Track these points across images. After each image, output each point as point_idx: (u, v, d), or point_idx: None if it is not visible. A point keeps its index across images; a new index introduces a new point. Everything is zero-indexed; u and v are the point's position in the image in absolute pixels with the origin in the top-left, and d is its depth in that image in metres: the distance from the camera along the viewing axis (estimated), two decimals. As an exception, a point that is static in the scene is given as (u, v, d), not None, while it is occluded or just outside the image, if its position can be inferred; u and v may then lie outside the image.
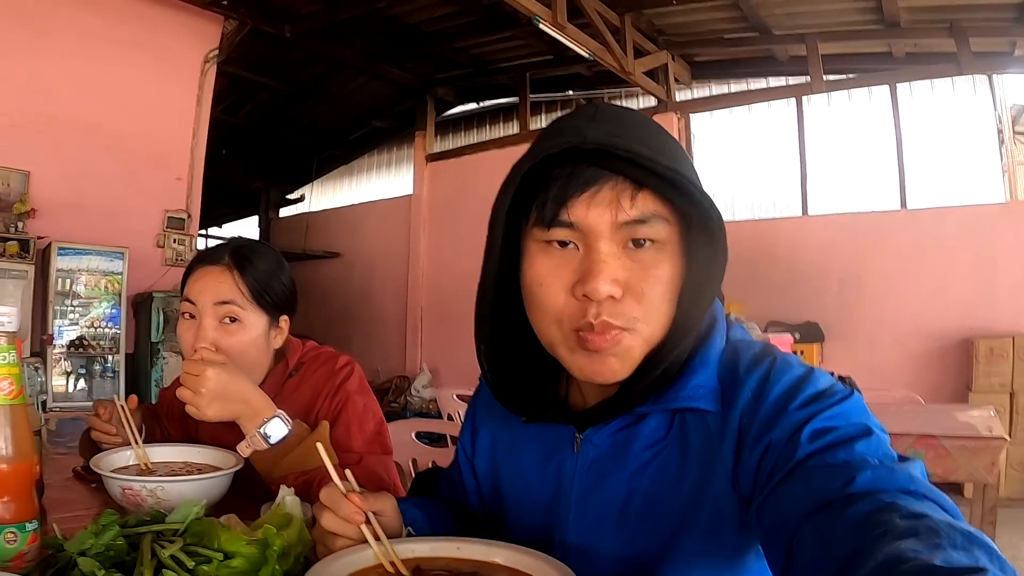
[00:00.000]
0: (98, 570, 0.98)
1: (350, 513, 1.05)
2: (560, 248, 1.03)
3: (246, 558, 1.00)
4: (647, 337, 1.02)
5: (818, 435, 0.92)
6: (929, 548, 0.71)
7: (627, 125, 1.02)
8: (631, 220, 0.98)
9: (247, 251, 1.92)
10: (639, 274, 1.00)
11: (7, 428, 1.08)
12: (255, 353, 1.92)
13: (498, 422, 1.29)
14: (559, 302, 1.03)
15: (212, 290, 1.84)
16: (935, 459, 3.13)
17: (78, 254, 8.42)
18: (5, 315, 1.10)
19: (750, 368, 1.04)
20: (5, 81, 8.13)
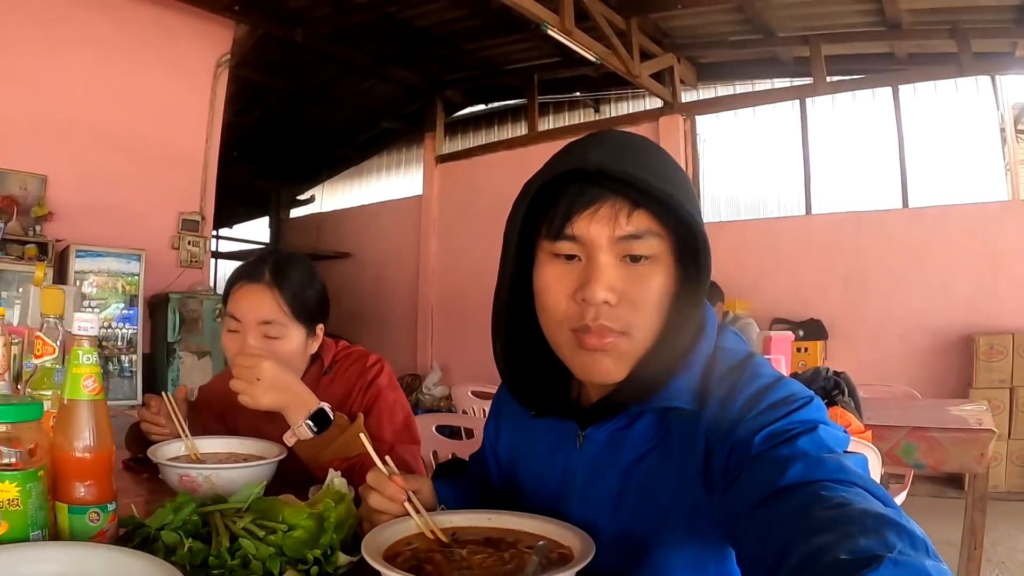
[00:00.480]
0: (180, 541, 1.14)
1: (394, 492, 1.22)
2: (566, 260, 1.16)
3: (306, 529, 1.18)
4: (639, 342, 1.16)
5: (769, 437, 1.03)
6: (842, 539, 0.78)
7: (630, 151, 1.14)
8: (627, 235, 1.11)
9: (285, 267, 2.06)
10: (634, 284, 1.13)
11: (92, 421, 1.24)
12: (294, 361, 2.07)
13: (518, 416, 1.43)
14: (561, 306, 1.17)
15: (255, 311, 2.00)
16: (927, 450, 3.29)
17: (96, 256, 8.55)
18: (88, 322, 1.26)
19: (723, 377, 1.16)
20: (22, 86, 8.28)
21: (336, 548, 1.19)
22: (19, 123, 8.25)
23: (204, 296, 9.20)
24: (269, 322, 2.00)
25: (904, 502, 3.69)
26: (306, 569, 1.14)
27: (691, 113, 10.12)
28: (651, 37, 9.38)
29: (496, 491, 1.53)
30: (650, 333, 1.16)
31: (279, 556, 1.14)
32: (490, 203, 11.30)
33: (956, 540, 3.85)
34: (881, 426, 3.37)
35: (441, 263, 12.44)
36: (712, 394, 1.14)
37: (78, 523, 1.21)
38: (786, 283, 8.97)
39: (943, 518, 5.74)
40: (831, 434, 1.03)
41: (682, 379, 1.17)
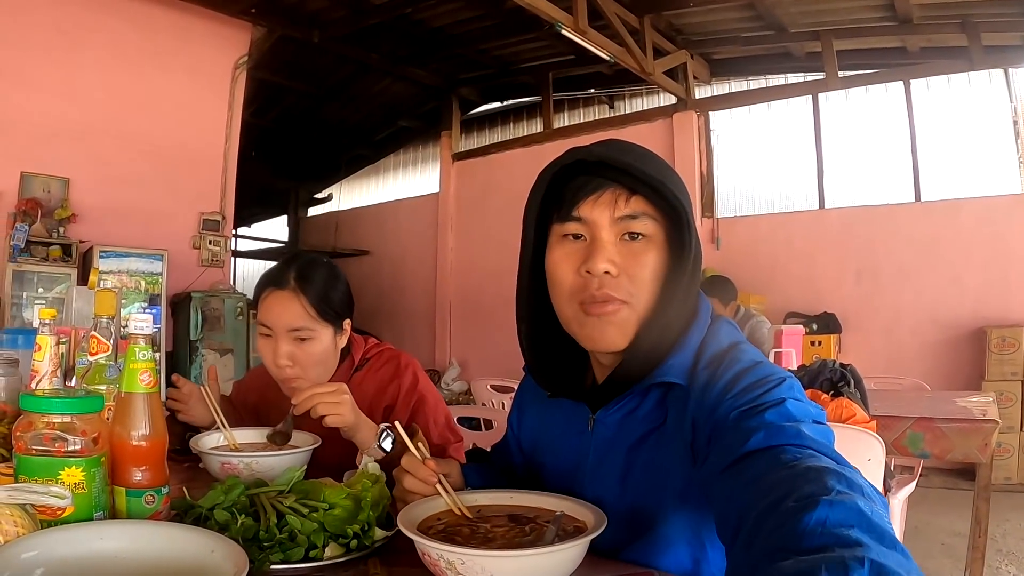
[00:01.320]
0: (232, 519, 1.26)
1: (427, 475, 1.35)
2: (573, 240, 1.33)
3: (344, 508, 1.31)
4: (639, 311, 1.30)
5: (742, 414, 1.14)
6: (790, 491, 0.89)
7: (629, 151, 1.32)
8: (625, 215, 1.29)
9: (308, 271, 2.16)
10: (631, 259, 1.29)
11: (147, 411, 1.35)
12: (327, 358, 2.21)
13: (539, 405, 1.59)
14: (569, 279, 1.33)
15: (283, 318, 2.12)
16: (933, 440, 3.37)
17: (119, 256, 8.66)
18: (144, 321, 1.38)
19: (709, 363, 1.29)
20: (44, 91, 8.41)
21: (373, 524, 1.32)
22: (41, 127, 8.38)
23: (225, 295, 9.32)
24: (298, 328, 2.12)
25: (915, 493, 3.77)
26: (346, 543, 1.27)
27: (704, 109, 10.16)
28: (664, 34, 9.44)
29: (518, 476, 1.68)
30: (646, 304, 1.31)
31: (322, 531, 1.27)
32: (506, 200, 11.37)
33: (967, 531, 3.93)
34: (887, 416, 3.46)
35: (458, 259, 12.51)
36: (699, 376, 1.27)
37: (135, 505, 1.33)
38: (799, 277, 9.02)
39: (955, 510, 5.82)
40: (797, 407, 1.14)
41: (677, 358, 1.30)
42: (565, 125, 11.93)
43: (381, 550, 1.33)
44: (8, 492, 1.10)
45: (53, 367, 1.71)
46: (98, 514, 1.25)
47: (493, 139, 13.26)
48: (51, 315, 1.74)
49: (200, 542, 1.14)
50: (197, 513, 1.35)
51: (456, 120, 12.98)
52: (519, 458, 1.69)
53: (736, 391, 1.20)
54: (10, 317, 7.99)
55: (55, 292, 8.23)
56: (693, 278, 1.32)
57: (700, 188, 9.83)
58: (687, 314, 1.35)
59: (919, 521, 5.67)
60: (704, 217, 9.80)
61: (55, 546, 1.09)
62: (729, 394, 1.20)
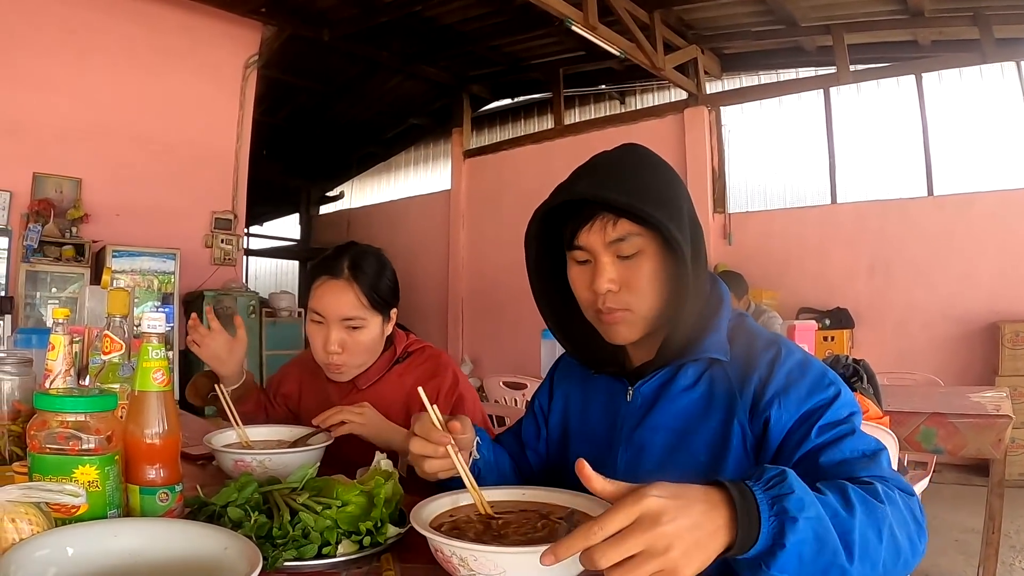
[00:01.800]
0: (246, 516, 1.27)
1: (439, 438, 1.39)
2: (582, 264, 1.50)
3: (358, 504, 1.32)
4: (643, 314, 1.48)
5: (823, 430, 1.31)
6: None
7: (611, 175, 1.44)
8: (614, 239, 1.43)
9: (362, 262, 2.23)
10: (628, 273, 1.45)
11: (162, 410, 1.36)
12: (374, 346, 2.29)
13: (571, 385, 1.76)
14: (584, 295, 1.52)
15: (336, 307, 2.18)
16: (946, 436, 3.37)
17: (131, 256, 8.70)
18: (157, 320, 1.39)
19: (766, 347, 1.47)
20: (55, 93, 8.45)
21: (385, 521, 1.33)
22: (53, 128, 8.43)
23: (238, 293, 9.35)
24: (351, 318, 2.18)
25: (928, 489, 3.76)
26: (359, 540, 1.28)
27: (716, 104, 10.13)
28: (674, 29, 9.42)
29: (528, 463, 1.80)
30: (650, 306, 1.48)
31: (335, 528, 1.28)
32: (518, 196, 11.38)
33: (980, 527, 3.92)
34: (900, 412, 3.45)
35: (470, 256, 12.52)
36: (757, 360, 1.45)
37: (149, 503, 1.34)
38: (812, 272, 8.99)
39: (969, 506, 5.79)
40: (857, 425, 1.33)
41: (713, 336, 1.48)
42: (576, 121, 11.91)
43: (394, 547, 1.34)
44: (23, 490, 1.11)
45: (67, 366, 1.72)
46: (112, 512, 1.26)
47: (504, 136, 13.25)
48: (65, 314, 1.75)
49: (214, 539, 1.14)
50: (211, 510, 1.36)
51: (467, 117, 12.98)
52: (533, 445, 1.81)
53: (805, 387, 1.38)
54: (24, 317, 8.04)
55: (68, 292, 8.28)
56: (697, 269, 1.43)
57: (712, 184, 9.80)
58: (704, 298, 1.52)
59: (932, 517, 5.60)
60: (716, 213, 9.77)
61: (69, 544, 1.10)
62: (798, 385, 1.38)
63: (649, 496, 0.96)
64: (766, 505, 0.99)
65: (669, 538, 0.94)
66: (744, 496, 1.00)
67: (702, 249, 1.46)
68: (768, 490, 1.01)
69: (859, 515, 1.04)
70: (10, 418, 1.69)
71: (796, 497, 0.99)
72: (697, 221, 1.46)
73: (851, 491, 1.08)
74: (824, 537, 1.00)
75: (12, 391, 1.71)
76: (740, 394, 1.42)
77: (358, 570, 1.24)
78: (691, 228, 1.42)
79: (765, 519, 0.98)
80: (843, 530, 1.02)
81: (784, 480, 1.02)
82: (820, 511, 1.01)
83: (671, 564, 0.94)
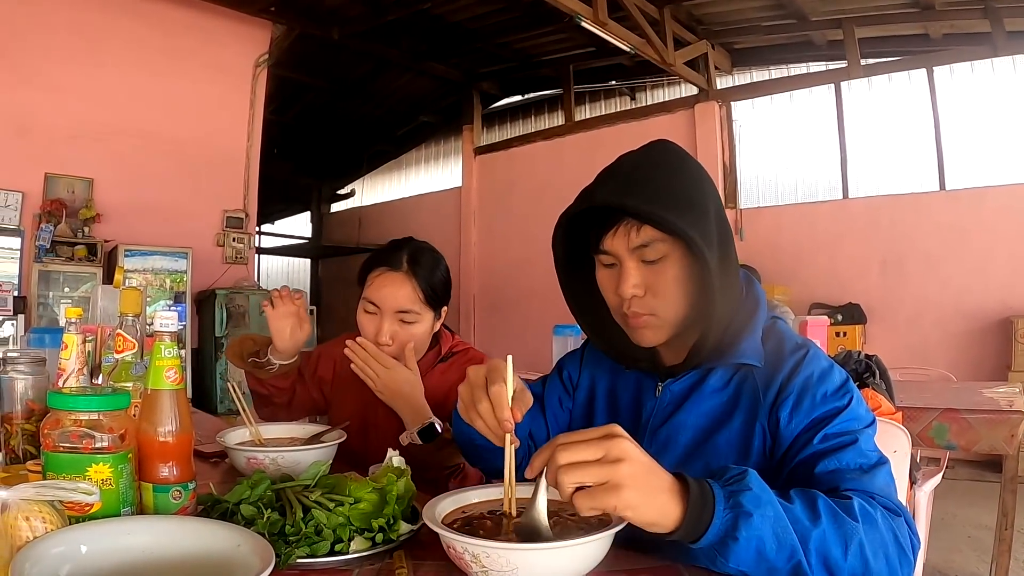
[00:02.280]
0: (258, 513, 1.27)
1: (506, 420, 1.31)
2: (609, 267, 1.49)
3: (370, 502, 1.32)
4: (668, 318, 1.46)
5: (827, 438, 1.31)
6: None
7: (632, 180, 1.42)
8: (637, 245, 1.41)
9: (421, 256, 2.25)
10: (653, 278, 1.44)
11: (174, 408, 1.36)
12: (423, 340, 2.30)
13: (601, 368, 1.74)
14: (612, 299, 1.51)
15: (394, 299, 2.18)
16: (959, 431, 3.36)
17: (143, 255, 8.74)
18: (169, 318, 1.39)
19: (793, 351, 1.46)
20: (67, 94, 8.49)
21: (398, 518, 1.33)
22: (65, 129, 8.47)
23: (250, 291, 9.38)
24: (406, 310, 2.19)
25: (941, 485, 3.74)
26: (372, 536, 1.28)
27: (726, 99, 10.13)
28: (684, 25, 9.42)
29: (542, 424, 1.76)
30: (676, 311, 1.46)
31: (347, 525, 1.28)
32: (529, 193, 11.40)
33: (993, 524, 3.90)
34: (913, 408, 3.45)
35: (482, 253, 12.53)
36: (784, 362, 1.44)
37: (162, 500, 1.34)
38: (824, 267, 8.97)
39: (982, 502, 5.77)
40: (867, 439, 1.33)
41: (748, 341, 1.46)
42: (586, 117, 11.92)
43: (406, 543, 1.34)
44: (36, 489, 1.11)
45: (80, 365, 1.72)
46: (125, 510, 1.26)
47: (515, 133, 13.26)
48: (77, 314, 1.75)
49: (227, 537, 1.15)
50: (223, 508, 1.36)
51: (477, 114, 13.00)
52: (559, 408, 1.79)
53: (821, 394, 1.38)
54: (37, 316, 8.08)
55: (81, 291, 8.31)
56: (726, 272, 1.41)
57: (723, 179, 9.80)
58: (736, 300, 1.50)
59: (945, 513, 5.63)
60: (727, 208, 9.70)
61: (83, 541, 1.10)
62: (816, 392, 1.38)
63: (618, 427, 1.08)
64: (722, 498, 1.04)
65: (623, 453, 1.03)
66: (701, 488, 1.06)
67: (731, 251, 1.45)
68: (726, 486, 1.06)
69: (824, 526, 1.07)
70: (24, 417, 1.70)
71: (753, 494, 1.04)
72: (725, 221, 1.45)
73: (821, 503, 1.10)
74: (783, 537, 1.04)
75: (26, 390, 1.72)
76: (763, 396, 1.42)
77: (370, 567, 1.24)
78: (718, 230, 1.40)
79: (719, 511, 1.03)
80: (803, 537, 1.05)
81: (743, 479, 1.07)
82: (779, 512, 1.05)
83: (616, 477, 1.01)
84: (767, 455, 1.40)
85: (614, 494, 1.00)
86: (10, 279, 8.04)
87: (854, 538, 1.07)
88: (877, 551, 1.10)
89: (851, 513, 1.10)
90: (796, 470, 1.31)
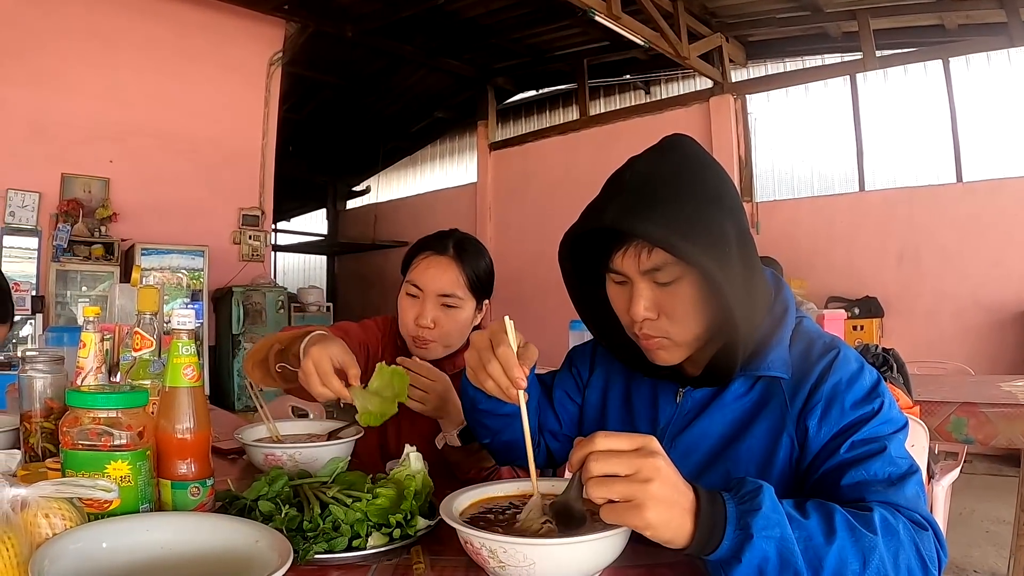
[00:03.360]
0: (276, 509, 1.28)
1: (518, 377, 1.33)
2: (620, 284, 1.41)
3: (387, 497, 1.32)
4: (683, 340, 1.39)
5: (855, 446, 1.26)
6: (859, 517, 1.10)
7: (645, 199, 1.31)
8: (649, 268, 1.33)
9: (467, 244, 2.26)
10: (665, 300, 1.35)
11: (192, 405, 1.37)
12: (464, 330, 2.27)
13: (614, 369, 1.68)
14: (623, 316, 1.43)
15: (438, 282, 2.19)
16: (976, 426, 3.33)
17: (160, 253, 8.79)
18: (187, 316, 1.40)
19: (821, 355, 1.39)
20: (83, 94, 8.54)
21: (415, 513, 1.33)
22: (81, 130, 8.52)
23: (266, 288, 9.41)
24: (450, 295, 2.19)
25: (959, 480, 3.73)
26: (389, 532, 1.28)
27: (741, 92, 10.10)
28: (698, 18, 9.39)
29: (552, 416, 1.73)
30: (691, 333, 1.38)
31: (365, 521, 1.28)
32: (544, 188, 11.40)
33: (1012, 518, 3.88)
34: (931, 402, 3.42)
35: (497, 249, 12.50)
36: (812, 368, 1.38)
37: (180, 497, 1.35)
38: (841, 261, 8.93)
39: (1000, 497, 5.75)
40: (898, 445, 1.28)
41: (776, 352, 1.39)
42: (601, 112, 11.90)
43: (424, 539, 1.34)
44: (56, 486, 1.12)
45: (98, 363, 1.73)
46: (144, 506, 1.27)
47: (529, 128, 13.26)
48: (95, 312, 1.76)
49: (245, 533, 1.15)
50: (241, 504, 1.37)
51: (492, 110, 13.00)
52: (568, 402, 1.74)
53: (851, 399, 1.32)
54: (55, 315, 8.13)
55: (98, 290, 8.37)
56: (750, 286, 1.34)
57: (738, 172, 9.77)
58: (762, 310, 1.43)
59: (963, 508, 5.61)
60: (743, 201, 9.71)
61: (102, 538, 1.11)
62: (846, 398, 1.32)
63: (655, 441, 1.06)
64: (733, 518, 1.03)
65: (655, 473, 1.01)
66: (713, 508, 1.04)
67: (754, 263, 1.37)
68: (740, 504, 1.04)
69: (841, 543, 1.05)
70: (43, 415, 1.72)
71: (762, 515, 1.02)
72: (746, 231, 1.36)
73: (838, 517, 1.07)
74: (788, 559, 1.02)
75: (44, 389, 1.73)
76: (791, 405, 1.36)
77: (388, 562, 1.24)
78: (739, 245, 1.31)
79: (729, 532, 1.02)
80: (815, 555, 1.04)
81: (756, 497, 1.04)
82: (786, 533, 1.03)
83: (642, 497, 1.00)
84: (792, 464, 1.35)
85: (637, 513, 1.00)
86: (28, 279, 8.10)
87: (873, 553, 1.05)
88: (899, 566, 1.08)
89: (871, 527, 1.08)
90: (822, 480, 1.28)
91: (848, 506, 1.14)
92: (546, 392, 1.75)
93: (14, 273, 8.07)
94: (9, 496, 1.06)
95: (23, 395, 1.74)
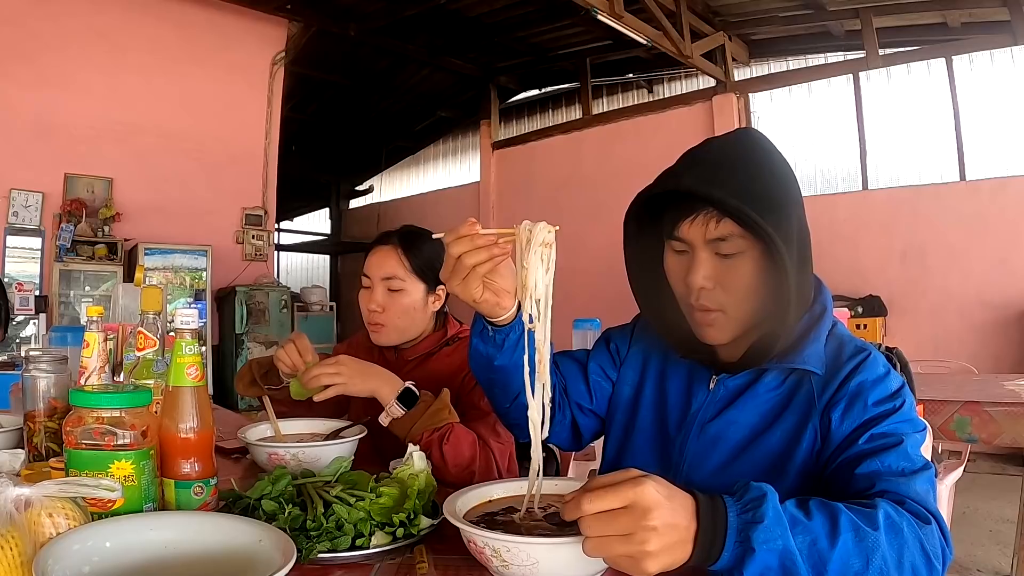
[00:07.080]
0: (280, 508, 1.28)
1: (485, 240, 1.42)
2: (680, 253, 1.45)
3: (391, 497, 1.32)
4: (735, 317, 1.43)
5: (873, 438, 1.29)
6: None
7: (721, 170, 1.37)
8: (715, 238, 1.36)
9: (411, 233, 2.38)
10: (726, 273, 1.39)
11: (195, 405, 1.37)
12: (414, 313, 2.33)
13: (654, 346, 1.70)
14: (679, 287, 1.47)
15: (380, 267, 2.31)
16: (980, 424, 3.33)
17: (163, 253, 8.80)
18: (190, 316, 1.40)
19: (853, 355, 1.42)
20: (86, 94, 8.56)
21: (419, 512, 1.34)
22: (84, 130, 8.53)
23: (270, 288, 9.42)
24: (391, 277, 2.29)
25: (963, 479, 3.72)
26: (392, 531, 1.29)
27: (744, 91, 10.10)
28: (701, 16, 9.38)
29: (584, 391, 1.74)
30: (745, 310, 1.42)
31: (368, 520, 1.29)
32: (547, 187, 11.40)
33: (1016, 517, 3.88)
34: (934, 401, 3.42)
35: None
36: (842, 366, 1.41)
37: (183, 496, 1.35)
38: (844, 259, 8.90)
39: (1004, 496, 5.74)
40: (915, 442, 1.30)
41: (813, 347, 1.42)
42: (604, 111, 11.89)
43: (427, 538, 1.34)
44: (59, 486, 1.12)
45: (101, 363, 1.73)
46: (148, 506, 1.27)
47: (532, 127, 13.26)
48: (99, 312, 1.76)
49: (248, 532, 1.15)
50: (245, 503, 1.38)
51: (495, 109, 13.00)
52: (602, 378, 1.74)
53: (874, 398, 1.35)
54: (58, 315, 8.14)
55: (102, 290, 8.38)
56: (802, 278, 1.37)
57: (741, 171, 9.75)
58: (806, 306, 1.46)
59: (967, 507, 5.60)
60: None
61: (106, 537, 1.11)
62: (869, 397, 1.35)
63: (647, 486, 1.01)
64: (734, 530, 1.03)
65: (651, 533, 0.99)
66: (715, 515, 1.04)
67: (808, 256, 1.40)
68: (742, 513, 1.04)
69: (844, 545, 1.05)
70: (47, 415, 1.72)
71: (764, 527, 1.02)
72: (806, 226, 1.41)
73: (843, 518, 1.08)
74: (791, 569, 1.03)
75: (48, 388, 1.74)
76: (818, 399, 1.40)
77: (391, 561, 1.25)
78: (798, 234, 1.35)
79: (730, 544, 1.03)
80: (819, 559, 1.04)
81: (760, 506, 1.04)
82: (789, 543, 1.03)
83: (641, 554, 0.99)
84: (814, 457, 1.38)
85: (637, 567, 1.01)
86: (31, 279, 8.12)
87: (876, 551, 1.06)
88: (902, 564, 1.09)
89: (874, 524, 1.08)
90: (838, 469, 1.31)
91: (859, 494, 1.19)
92: (580, 366, 1.76)
93: (17, 273, 8.09)
94: (13, 495, 1.06)
95: (27, 395, 1.74)
